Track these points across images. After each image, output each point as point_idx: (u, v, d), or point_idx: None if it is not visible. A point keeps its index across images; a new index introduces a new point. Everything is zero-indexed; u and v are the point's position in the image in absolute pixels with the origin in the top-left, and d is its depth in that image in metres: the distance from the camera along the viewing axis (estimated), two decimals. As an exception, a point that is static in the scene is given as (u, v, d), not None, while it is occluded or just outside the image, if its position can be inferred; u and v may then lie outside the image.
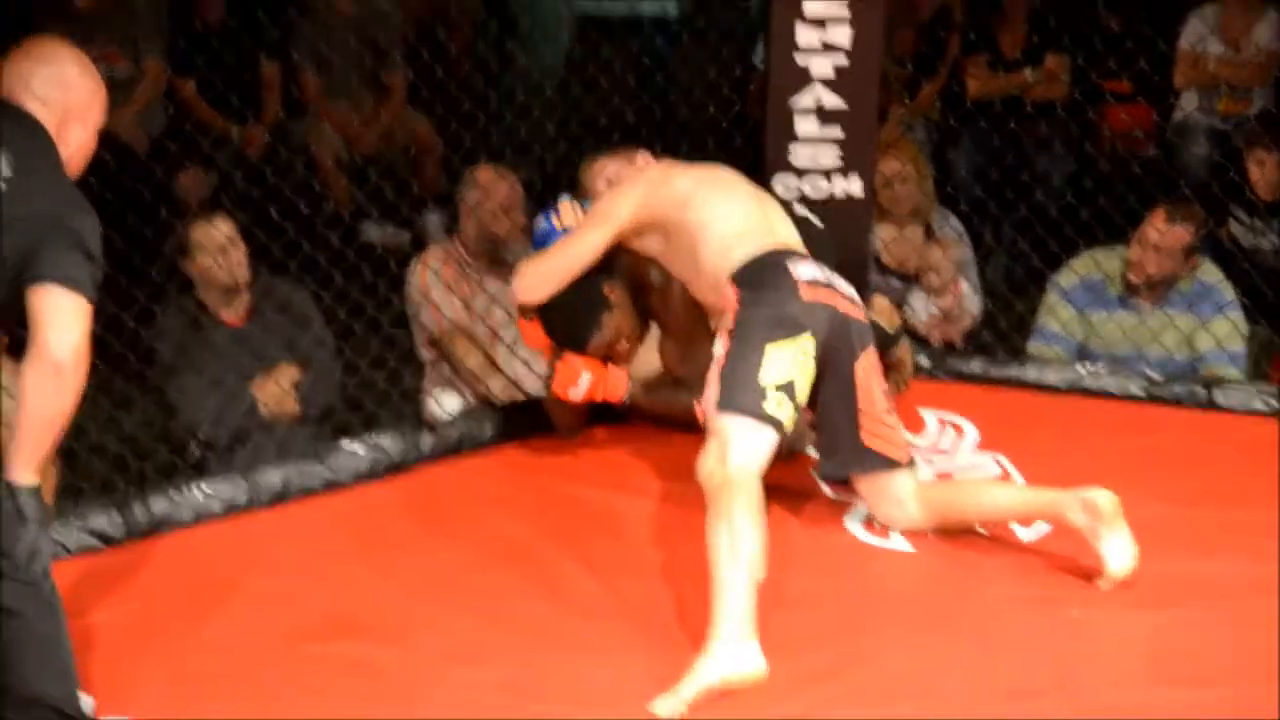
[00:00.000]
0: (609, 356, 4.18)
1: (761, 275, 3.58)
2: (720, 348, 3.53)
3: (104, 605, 3.44)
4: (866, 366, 3.65)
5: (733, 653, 3.06)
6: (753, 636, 3.09)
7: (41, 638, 2.60)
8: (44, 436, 2.66)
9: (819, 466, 3.80)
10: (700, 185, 3.83)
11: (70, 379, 2.63)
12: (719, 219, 3.73)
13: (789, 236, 3.79)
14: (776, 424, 3.39)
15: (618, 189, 4.04)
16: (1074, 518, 3.48)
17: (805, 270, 3.58)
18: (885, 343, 4.60)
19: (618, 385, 4.19)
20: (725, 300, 3.60)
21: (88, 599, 3.46)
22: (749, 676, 3.05)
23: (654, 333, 4.30)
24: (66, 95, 2.82)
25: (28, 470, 2.64)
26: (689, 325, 4.16)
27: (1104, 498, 3.45)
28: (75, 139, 2.84)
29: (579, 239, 4.00)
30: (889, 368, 4.60)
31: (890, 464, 3.70)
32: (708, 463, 3.33)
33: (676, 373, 4.27)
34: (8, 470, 2.63)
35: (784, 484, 3.84)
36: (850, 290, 3.68)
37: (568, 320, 4.13)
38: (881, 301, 4.79)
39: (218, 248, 4.60)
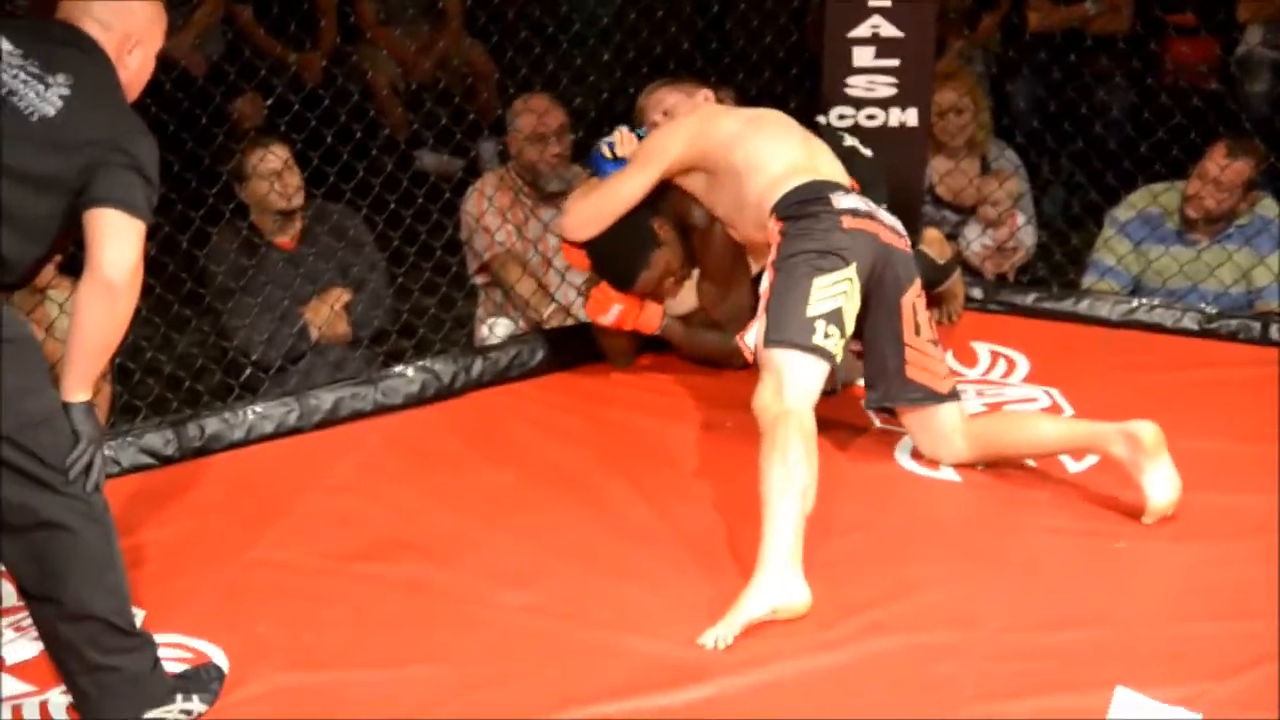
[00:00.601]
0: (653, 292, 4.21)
1: (804, 208, 3.57)
2: (766, 281, 3.53)
3: (156, 522, 3.50)
4: (912, 298, 3.64)
5: (780, 584, 3.07)
6: (799, 568, 3.10)
7: (93, 552, 2.63)
8: (96, 355, 2.69)
9: (866, 394, 3.79)
10: (748, 126, 3.83)
11: (123, 299, 2.66)
12: (765, 158, 3.74)
13: (834, 174, 3.77)
14: (826, 354, 3.40)
15: (666, 127, 4.04)
16: (1116, 450, 3.45)
17: (847, 201, 3.58)
18: (938, 274, 4.59)
19: (651, 318, 4.22)
20: (769, 235, 3.61)
21: (141, 516, 3.52)
22: (795, 607, 3.07)
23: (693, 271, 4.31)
24: (127, 20, 2.82)
25: (81, 388, 2.67)
26: (728, 267, 4.16)
27: (1146, 430, 3.43)
28: (135, 63, 2.85)
29: (626, 179, 4.02)
30: (941, 299, 4.60)
31: (934, 396, 3.69)
32: (763, 396, 3.34)
33: (713, 314, 4.26)
34: (62, 388, 2.66)
35: (835, 415, 3.85)
36: (894, 222, 3.68)
37: (617, 258, 4.15)
38: (933, 232, 4.76)
39: (272, 172, 4.62)
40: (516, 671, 2.90)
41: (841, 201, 3.57)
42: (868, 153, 4.38)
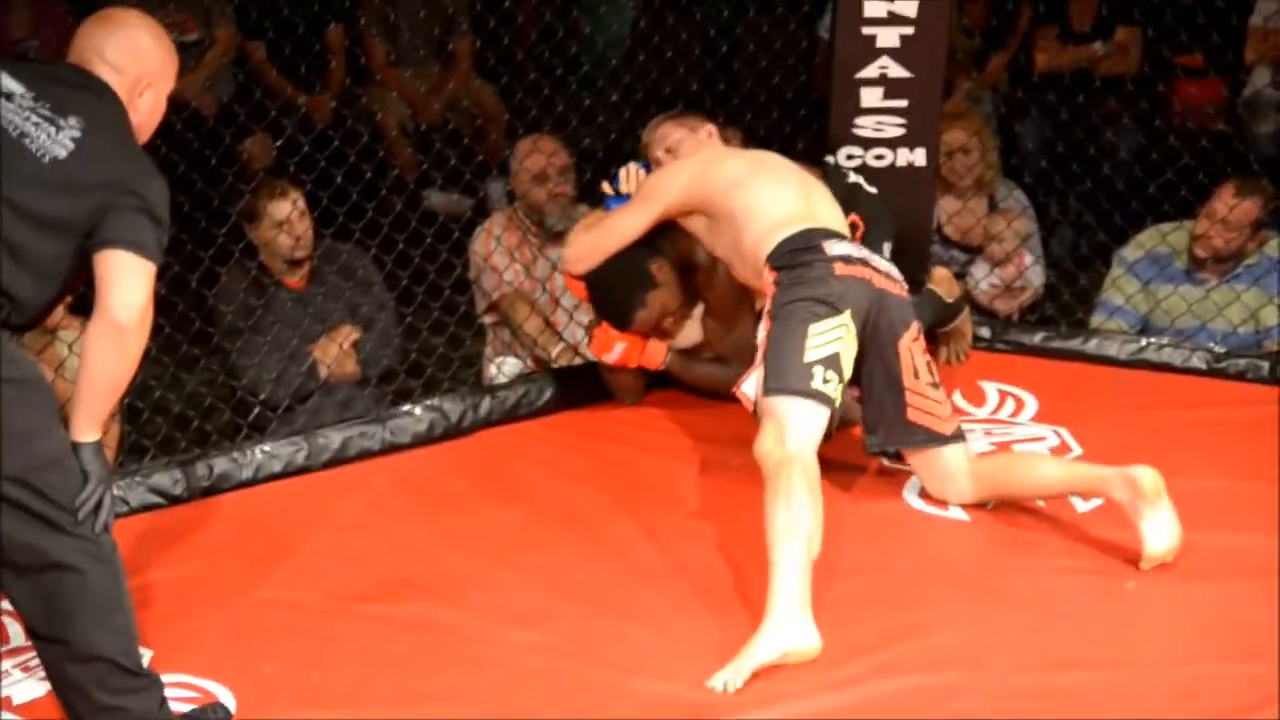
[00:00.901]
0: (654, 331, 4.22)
1: (797, 256, 3.59)
2: (763, 331, 3.56)
3: (164, 562, 3.50)
4: (909, 342, 3.64)
5: (790, 629, 3.06)
6: (808, 612, 3.09)
7: (102, 594, 2.63)
8: (106, 396, 2.70)
9: (867, 440, 3.78)
10: (748, 170, 3.85)
11: (133, 341, 2.67)
12: (762, 206, 3.75)
13: (831, 219, 3.79)
14: (826, 399, 3.42)
15: (668, 168, 4.06)
16: (1117, 494, 3.44)
17: (839, 248, 3.60)
18: (946, 313, 4.59)
19: (655, 354, 4.26)
20: (764, 284, 3.64)
21: (149, 555, 3.52)
22: (806, 652, 3.06)
23: (697, 306, 4.31)
24: (140, 62, 2.84)
25: (90, 428, 2.68)
26: (733, 304, 4.17)
27: (1146, 475, 3.41)
28: (146, 105, 2.87)
29: (624, 216, 4.06)
30: (949, 337, 4.60)
31: (937, 438, 3.69)
32: (765, 443, 3.35)
33: (718, 349, 4.28)
34: (71, 428, 2.67)
35: (843, 455, 3.85)
36: (889, 268, 3.69)
37: (612, 297, 4.18)
38: (942, 271, 4.76)
39: (284, 219, 4.63)
40: (523, 711, 2.90)
41: (834, 249, 3.58)
42: (871, 190, 4.39)
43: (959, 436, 3.72)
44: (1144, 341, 4.76)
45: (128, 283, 2.65)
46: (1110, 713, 2.82)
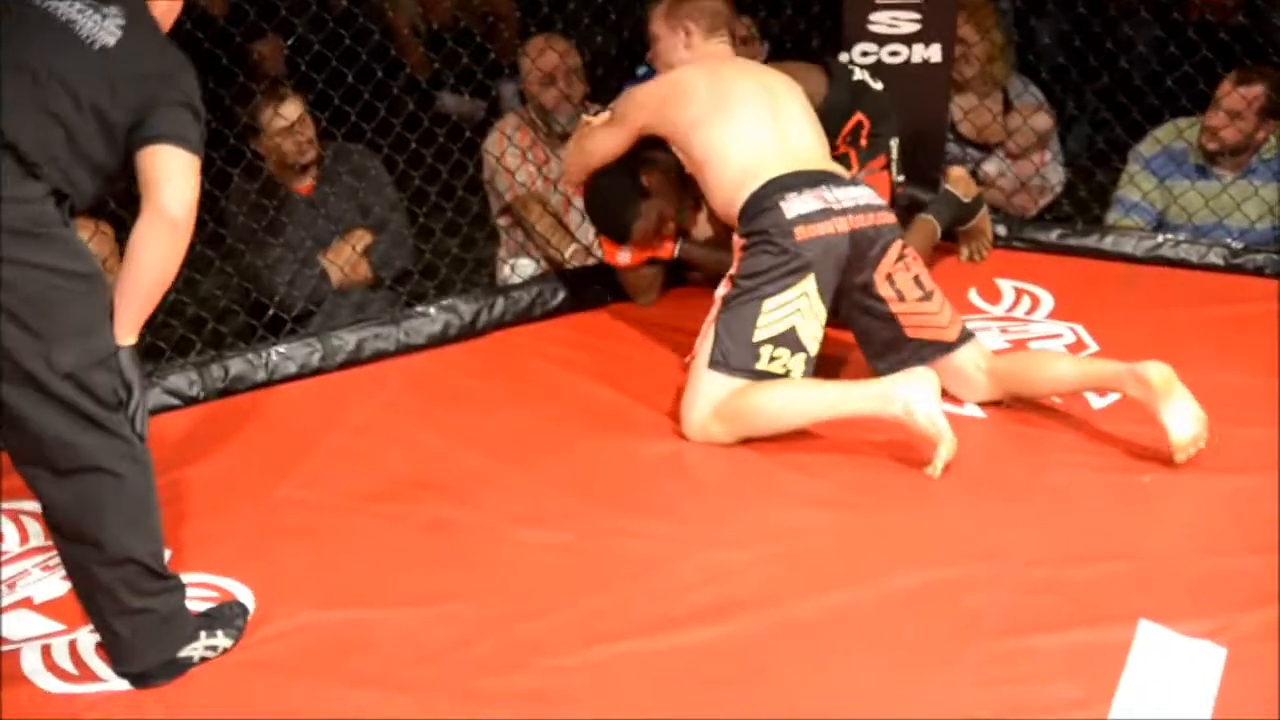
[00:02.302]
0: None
1: (757, 221, 3.57)
2: (722, 290, 3.61)
3: (181, 463, 3.51)
4: (890, 267, 3.63)
5: (905, 386, 3.35)
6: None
7: (136, 496, 2.63)
8: (153, 294, 2.70)
9: (875, 369, 3.78)
10: (710, 105, 3.75)
11: (183, 237, 2.67)
12: (722, 152, 3.71)
13: (803, 150, 3.72)
14: (771, 377, 3.53)
15: (633, 93, 3.99)
16: (1131, 391, 3.43)
17: (798, 205, 3.55)
18: (964, 211, 4.57)
19: (665, 246, 4.22)
20: (735, 244, 3.65)
21: (166, 456, 3.49)
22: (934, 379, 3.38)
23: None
24: None
25: (132, 329, 2.68)
26: None
27: (1155, 371, 3.38)
28: (164, 2, 2.83)
29: (600, 136, 4.04)
30: (968, 236, 4.58)
31: (945, 347, 3.70)
32: (694, 418, 3.53)
33: (723, 236, 4.26)
34: (114, 329, 2.65)
35: (854, 361, 3.85)
36: (861, 194, 3.62)
37: (608, 212, 4.20)
38: (958, 171, 4.74)
39: (285, 129, 4.61)
40: (539, 609, 2.90)
41: (793, 207, 3.54)
42: (878, 85, 4.34)
43: (967, 337, 3.72)
44: (1161, 238, 4.73)
45: (179, 178, 2.64)
46: (1126, 606, 2.82)
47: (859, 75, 4.35)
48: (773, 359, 3.51)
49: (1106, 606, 2.84)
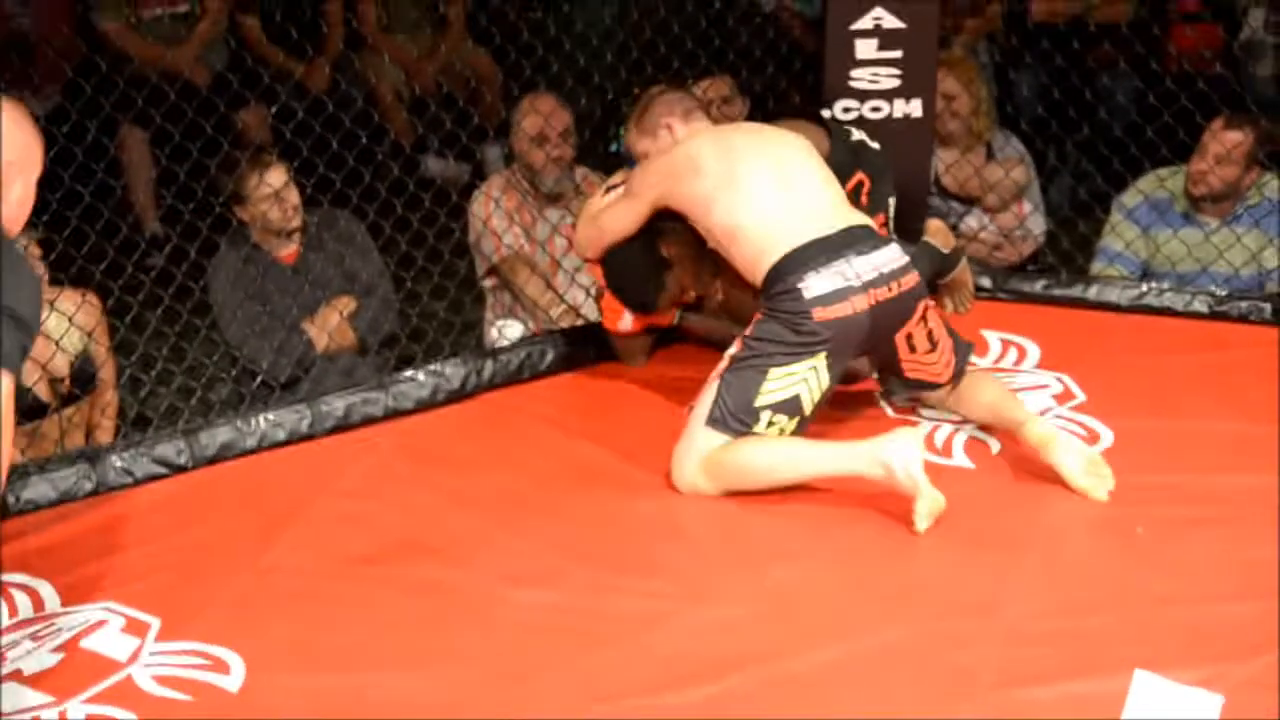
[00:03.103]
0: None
1: (779, 298, 3.56)
2: (733, 349, 3.61)
3: (170, 531, 3.50)
4: (909, 329, 3.66)
5: (890, 445, 3.34)
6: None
7: None
8: None
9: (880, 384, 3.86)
10: (718, 181, 3.71)
11: None
12: (742, 224, 3.67)
13: (816, 213, 3.68)
14: None
15: (645, 167, 3.94)
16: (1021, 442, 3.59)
17: (818, 285, 3.52)
18: (945, 264, 4.58)
19: (665, 312, 4.20)
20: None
21: (155, 525, 3.52)
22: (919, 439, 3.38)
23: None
24: (6, 150, 2.62)
25: None
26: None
27: (1030, 433, 3.56)
28: (14, 195, 2.65)
29: (616, 211, 3.98)
30: (950, 288, 4.59)
31: (933, 386, 3.79)
32: (685, 470, 3.56)
33: (733, 311, 4.25)
34: None
35: (847, 407, 3.86)
36: (882, 261, 3.60)
37: (632, 284, 4.15)
38: (936, 223, 4.74)
39: (270, 195, 4.62)
40: (535, 669, 2.89)
41: (813, 288, 3.52)
42: (875, 146, 4.37)
43: (958, 377, 3.78)
44: (1145, 287, 4.75)
45: None
46: (1121, 655, 2.82)
47: (857, 135, 4.37)
48: (770, 424, 3.52)
49: (1101, 656, 2.84)
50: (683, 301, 4.26)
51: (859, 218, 3.72)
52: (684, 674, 2.84)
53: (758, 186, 3.70)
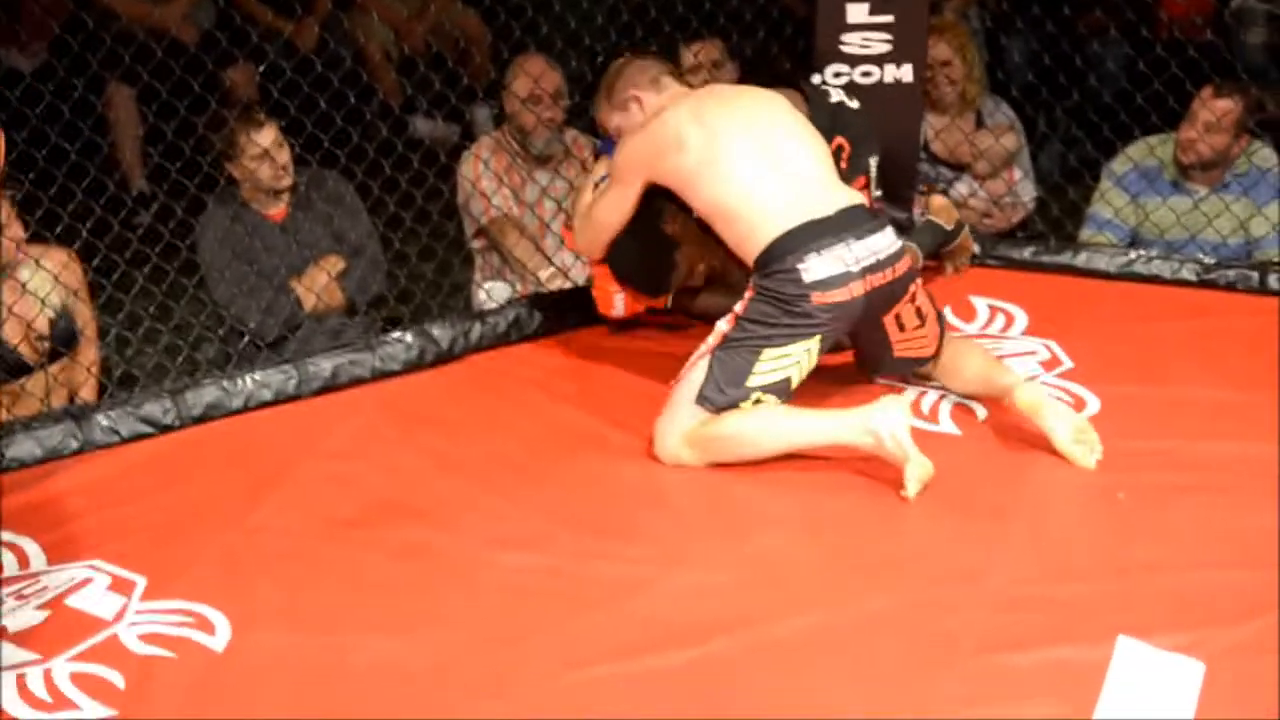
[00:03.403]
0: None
1: (775, 277, 3.53)
2: (724, 325, 3.58)
3: (156, 490, 3.50)
4: (898, 309, 3.65)
5: (877, 414, 3.34)
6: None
7: None
8: None
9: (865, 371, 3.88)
10: (709, 157, 3.64)
11: None
12: (731, 201, 3.62)
13: (811, 188, 3.64)
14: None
15: (626, 148, 3.83)
16: (1009, 406, 3.59)
17: (817, 268, 3.49)
18: (947, 239, 4.60)
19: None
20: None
21: (141, 484, 3.53)
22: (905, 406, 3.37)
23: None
24: None
25: None
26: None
27: (1020, 396, 3.54)
28: None
29: (608, 200, 3.87)
30: (950, 254, 4.61)
31: (922, 361, 3.79)
32: (668, 443, 3.55)
33: (728, 277, 4.24)
34: None
35: (832, 375, 3.86)
36: (879, 246, 3.57)
37: (641, 270, 4.12)
38: (939, 200, 4.74)
39: (261, 153, 4.61)
40: (519, 633, 2.89)
41: (811, 272, 3.49)
42: (855, 104, 4.33)
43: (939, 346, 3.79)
44: (1133, 254, 4.75)
45: None
46: (1105, 621, 2.82)
47: (836, 96, 4.34)
48: (758, 401, 3.52)
49: (1085, 623, 2.84)
50: (694, 278, 4.22)
51: (854, 196, 3.68)
52: (667, 638, 2.84)
53: (745, 160, 3.63)
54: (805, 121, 3.83)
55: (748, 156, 3.64)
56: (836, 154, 4.15)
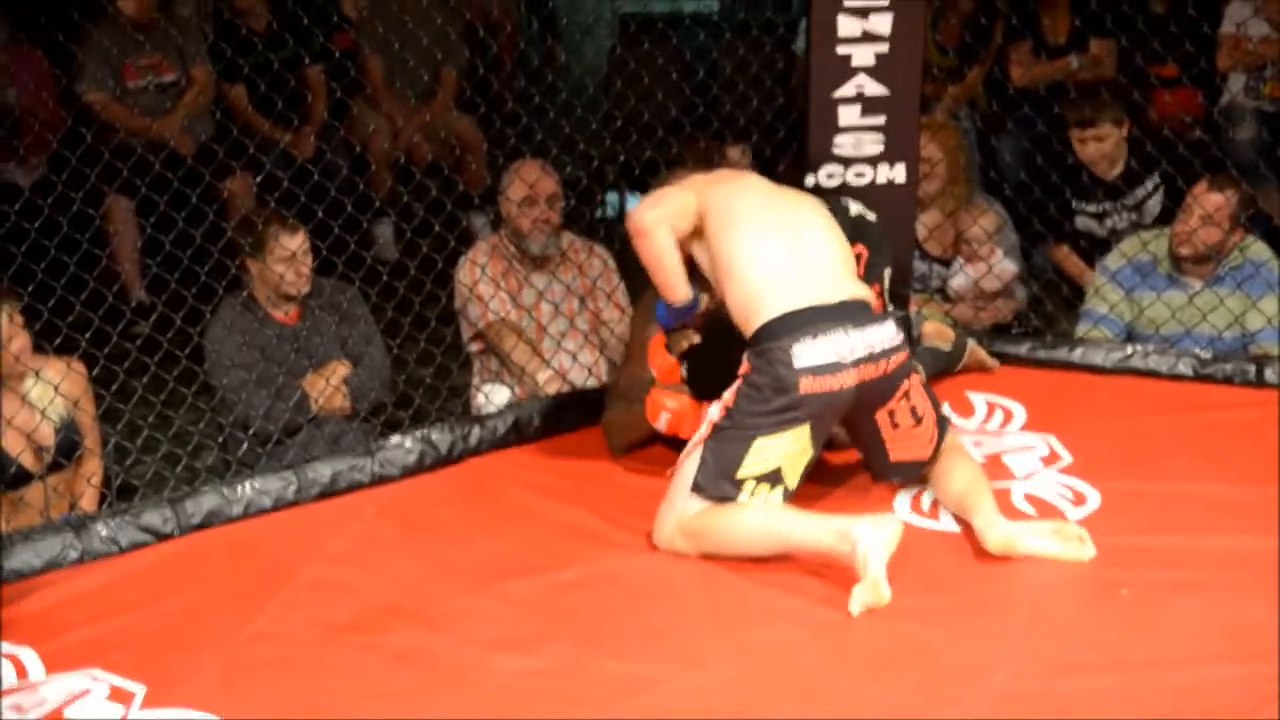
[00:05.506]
0: None
1: (767, 355, 3.54)
2: (715, 413, 3.60)
3: (156, 598, 3.48)
4: (892, 405, 3.64)
5: (862, 528, 3.28)
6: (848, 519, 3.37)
7: None
8: None
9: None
10: (741, 213, 3.72)
11: None
12: (745, 261, 3.66)
13: (822, 274, 3.67)
14: None
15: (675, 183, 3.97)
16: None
17: (810, 355, 3.51)
18: (950, 360, 4.61)
19: (696, 424, 4.10)
20: (744, 363, 3.63)
21: (140, 593, 3.51)
22: (892, 529, 3.30)
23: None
24: None
25: None
26: None
27: (992, 540, 3.50)
28: None
29: (679, 192, 3.86)
30: (967, 371, 4.62)
31: (919, 465, 3.76)
32: (664, 532, 3.58)
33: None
34: None
35: (831, 467, 3.86)
36: (875, 340, 3.57)
37: (731, 368, 3.81)
38: (930, 326, 4.75)
39: (289, 256, 4.64)
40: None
41: (803, 358, 3.50)
42: (872, 218, 4.36)
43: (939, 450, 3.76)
44: (1130, 349, 4.76)
45: None
46: (1111, 716, 2.81)
47: (855, 209, 4.36)
48: (753, 494, 3.52)
49: (1092, 717, 2.83)
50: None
51: (861, 290, 3.70)
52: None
53: (767, 228, 3.70)
54: (833, 221, 3.87)
55: (772, 230, 3.70)
56: (855, 260, 4.15)
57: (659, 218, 3.78)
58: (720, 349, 3.85)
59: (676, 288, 3.83)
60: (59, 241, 4.19)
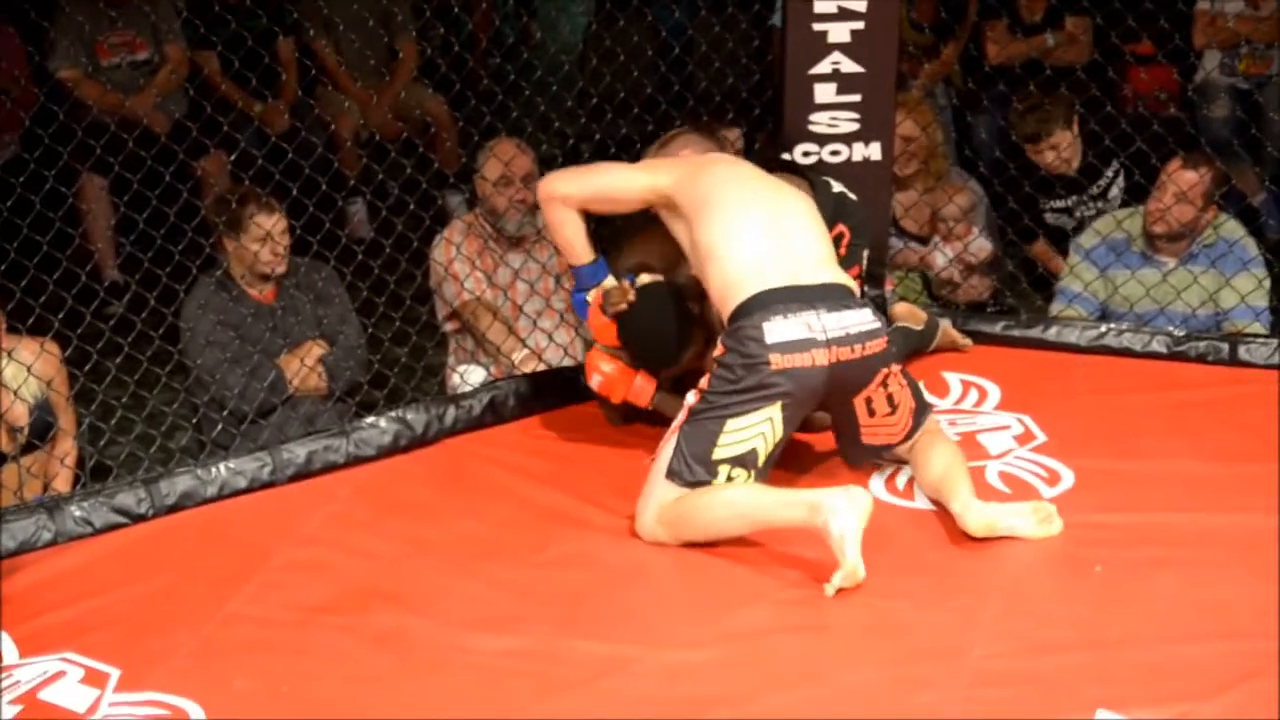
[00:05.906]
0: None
1: (740, 333, 3.54)
2: (691, 399, 3.60)
3: (131, 580, 3.48)
4: (868, 393, 3.64)
5: (834, 502, 3.27)
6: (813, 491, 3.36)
7: None
8: None
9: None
10: (726, 197, 3.74)
11: None
12: (728, 244, 3.67)
13: (802, 259, 3.67)
14: None
15: (664, 157, 4.02)
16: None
17: (781, 330, 3.51)
18: (923, 340, 4.61)
19: (642, 393, 4.06)
20: (718, 347, 3.63)
21: (115, 574, 3.51)
22: (864, 501, 3.28)
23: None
24: None
25: None
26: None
27: (971, 522, 3.48)
28: None
29: (624, 172, 3.95)
30: (942, 351, 4.62)
31: (889, 448, 3.77)
32: (644, 520, 3.56)
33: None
34: None
35: (806, 448, 3.87)
36: (851, 322, 3.57)
37: (662, 340, 4.00)
38: (900, 307, 4.75)
39: (266, 235, 4.63)
40: (497, 716, 2.88)
41: (774, 333, 3.50)
42: (854, 198, 4.35)
43: (913, 432, 3.75)
44: (1104, 328, 4.77)
45: None
46: (1084, 695, 2.82)
47: (837, 187, 4.35)
48: (730, 478, 3.51)
49: (1064, 697, 2.85)
50: (695, 363, 4.17)
51: (840, 277, 3.69)
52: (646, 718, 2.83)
53: (749, 214, 3.71)
54: (815, 211, 3.87)
55: (754, 216, 3.71)
56: (837, 240, 4.14)
57: (563, 196, 3.92)
58: (655, 315, 3.95)
59: (572, 254, 3.99)
60: (31, 221, 4.16)
